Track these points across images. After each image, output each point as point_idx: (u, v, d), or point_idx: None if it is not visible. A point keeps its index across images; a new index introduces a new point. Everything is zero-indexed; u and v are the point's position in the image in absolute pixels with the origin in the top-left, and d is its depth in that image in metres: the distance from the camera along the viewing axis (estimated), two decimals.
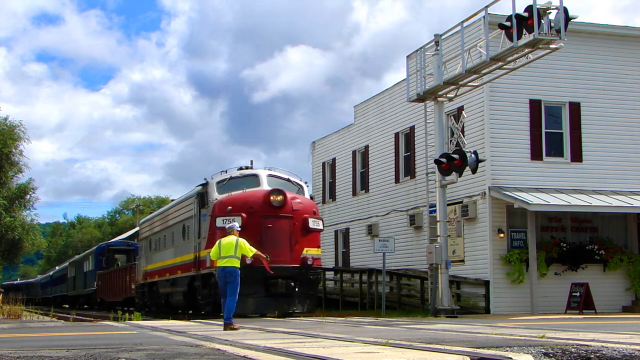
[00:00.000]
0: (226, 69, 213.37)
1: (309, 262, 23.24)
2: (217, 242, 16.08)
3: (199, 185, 25.57)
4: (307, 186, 26.16)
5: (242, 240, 16.17)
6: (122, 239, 66.43)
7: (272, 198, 23.10)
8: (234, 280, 15.74)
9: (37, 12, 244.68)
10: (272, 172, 25.51)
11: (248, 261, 18.14)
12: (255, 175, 24.73)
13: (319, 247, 24.37)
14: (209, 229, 23.59)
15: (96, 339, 12.23)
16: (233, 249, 15.76)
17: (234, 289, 15.74)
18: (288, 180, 25.36)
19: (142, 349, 9.71)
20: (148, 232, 34.53)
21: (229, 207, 22.99)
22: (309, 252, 23.51)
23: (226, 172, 25.44)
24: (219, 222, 22.57)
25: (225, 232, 17.24)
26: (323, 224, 24.99)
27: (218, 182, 24.61)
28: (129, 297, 37.95)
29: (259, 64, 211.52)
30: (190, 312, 28.48)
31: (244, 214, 22.64)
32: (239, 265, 15.93)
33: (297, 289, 22.80)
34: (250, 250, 16.24)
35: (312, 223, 23.75)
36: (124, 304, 40.19)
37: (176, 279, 27.89)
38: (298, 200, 23.87)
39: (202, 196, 24.83)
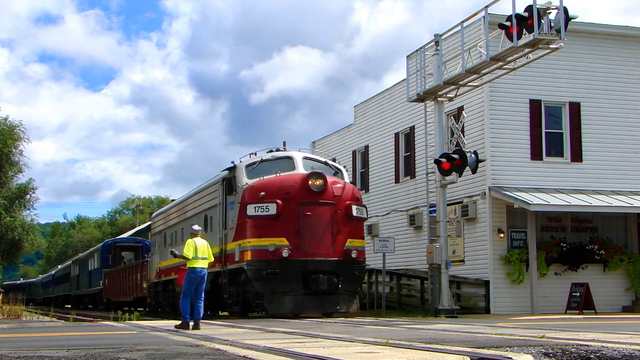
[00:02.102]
0: (227, 70, 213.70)
1: (353, 255, 20.86)
2: (192, 241, 15.83)
3: (224, 170, 23.13)
4: (347, 171, 23.86)
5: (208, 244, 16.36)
6: (131, 234, 63.68)
7: (310, 182, 20.65)
8: (205, 282, 15.98)
9: (39, 13, 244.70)
10: (308, 154, 23.27)
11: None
12: (290, 158, 22.24)
13: (363, 237, 22.09)
14: (238, 218, 21.31)
15: (96, 339, 12.23)
16: (206, 252, 15.89)
17: (203, 290, 15.96)
18: (325, 163, 22.93)
19: (142, 349, 9.70)
20: (162, 226, 32.20)
21: (262, 193, 20.67)
22: (353, 243, 21.11)
23: (255, 154, 22.90)
24: (251, 209, 20.58)
25: (257, 220, 17.32)
26: (367, 212, 22.62)
27: (247, 166, 22.16)
28: (140, 297, 35.46)
29: (260, 65, 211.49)
30: (211, 312, 26.56)
31: (278, 201, 20.42)
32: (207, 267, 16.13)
33: (340, 286, 20.45)
34: (212, 257, 16.36)
35: (356, 211, 21.39)
36: (134, 304, 38.05)
37: None
38: (339, 185, 21.45)
39: (229, 182, 22.34)
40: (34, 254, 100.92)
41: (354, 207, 21.21)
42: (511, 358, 7.91)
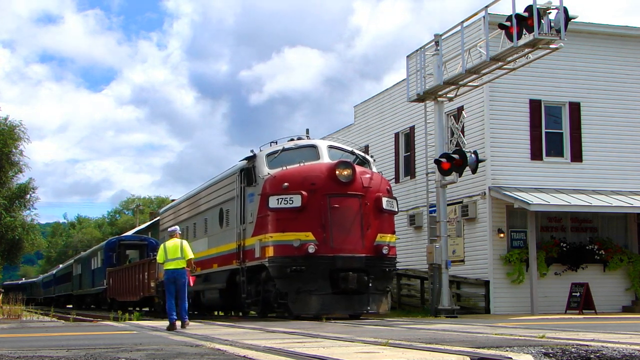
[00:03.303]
0: (228, 70, 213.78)
1: (384, 251, 19.29)
2: (162, 245, 16.40)
3: (242, 160, 21.63)
4: (374, 161, 22.51)
5: (185, 243, 16.50)
6: (141, 229, 62.31)
7: (338, 172, 19.07)
8: (185, 281, 16.16)
9: (40, 14, 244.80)
10: (333, 143, 21.75)
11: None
12: (314, 146, 20.74)
13: (394, 232, 20.47)
14: (259, 211, 19.82)
15: (96, 339, 12.23)
16: (179, 251, 16.10)
17: (185, 291, 16.18)
18: (352, 152, 21.46)
19: (142, 349, 9.70)
20: (172, 222, 30.31)
21: (285, 184, 19.16)
22: (384, 238, 19.51)
23: (276, 142, 21.43)
24: (273, 202, 19.08)
25: (280, 213, 17.01)
26: (398, 205, 21.11)
27: (268, 155, 20.64)
28: (148, 297, 34.00)
29: (260, 65, 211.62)
30: (226, 313, 26.17)
31: (303, 192, 18.89)
32: (185, 266, 16.19)
33: (370, 285, 18.93)
34: (189, 254, 16.33)
35: (387, 203, 19.81)
36: (140, 304, 36.67)
37: (210, 274, 24.22)
38: (368, 176, 19.88)
39: (248, 172, 20.81)
40: (34, 254, 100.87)
41: (384, 199, 19.68)
42: (511, 358, 7.91)
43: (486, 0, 20.91)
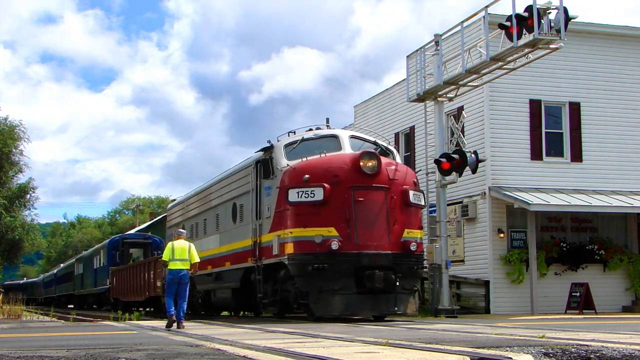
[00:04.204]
0: (228, 71, 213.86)
1: (412, 248, 18.14)
2: (170, 244, 16.41)
3: (258, 151, 20.43)
4: (398, 153, 21.49)
5: (193, 246, 16.62)
6: (141, 229, 60.08)
7: (362, 163, 17.90)
8: (188, 282, 16.36)
9: (41, 15, 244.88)
10: (355, 133, 20.58)
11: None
12: (335, 136, 19.57)
13: (421, 228, 19.34)
14: (277, 205, 18.64)
15: (96, 339, 12.23)
16: (186, 253, 16.20)
17: (186, 290, 16.32)
18: (375, 143, 20.18)
19: (142, 349, 9.70)
20: (180, 218, 29.26)
21: (306, 176, 18.02)
22: (411, 234, 18.36)
23: (294, 133, 20.25)
24: (293, 195, 17.97)
25: (301, 207, 16.41)
26: (424, 199, 20.04)
27: (287, 145, 19.42)
28: (154, 296, 32.61)
29: (260, 66, 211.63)
30: (236, 313, 25.34)
31: (326, 184, 17.73)
32: (189, 268, 16.32)
33: (397, 283, 17.78)
34: (196, 258, 16.46)
35: (413, 197, 18.64)
36: (145, 304, 35.63)
37: (222, 272, 23.09)
38: (394, 167, 18.74)
39: (264, 164, 19.51)
40: (34, 254, 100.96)
41: (411, 192, 18.49)
42: (511, 358, 7.91)
43: (486, 0, 20.91)
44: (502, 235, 24.92)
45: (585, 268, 25.61)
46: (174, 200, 35.04)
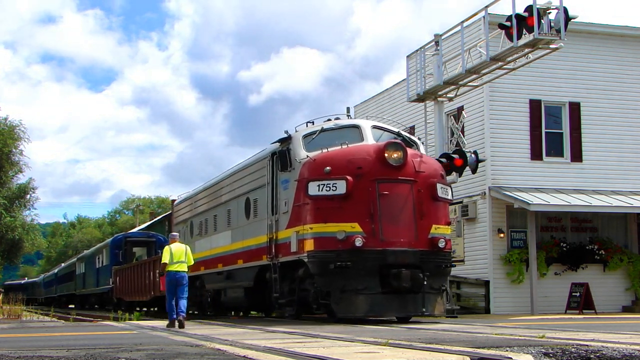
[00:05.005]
0: (229, 71, 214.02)
1: (441, 245, 17.04)
2: (168, 247, 17.22)
3: (274, 142, 19.37)
4: (423, 144, 20.46)
5: (189, 249, 17.54)
6: (142, 229, 59.29)
7: (387, 154, 16.80)
8: (186, 283, 17.02)
9: (41, 15, 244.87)
10: (377, 123, 19.50)
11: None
12: (356, 127, 18.46)
13: (449, 223, 18.26)
14: (295, 199, 17.55)
15: (96, 339, 12.23)
16: (184, 255, 17.08)
17: (185, 291, 16.96)
18: (398, 134, 19.02)
19: (142, 349, 9.70)
20: (188, 214, 27.94)
21: (327, 168, 16.92)
22: (439, 230, 17.31)
23: (312, 123, 19.21)
24: (313, 188, 16.90)
25: (321, 202, 16.06)
26: (452, 193, 18.79)
27: (305, 136, 18.33)
28: (159, 296, 31.55)
29: (261, 66, 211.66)
30: (246, 313, 24.93)
31: (348, 177, 16.66)
32: (187, 270, 17.17)
33: (425, 282, 16.70)
34: (192, 260, 17.49)
35: (441, 190, 17.60)
36: (150, 304, 35.14)
37: (234, 270, 22.03)
38: (420, 159, 17.68)
39: (282, 156, 18.31)
40: (34, 254, 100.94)
41: (439, 186, 17.47)
42: (511, 358, 7.90)
43: (486, 0, 20.92)
44: (502, 235, 24.92)
45: (585, 268, 25.61)
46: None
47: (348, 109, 20.51)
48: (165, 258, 16.94)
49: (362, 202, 16.58)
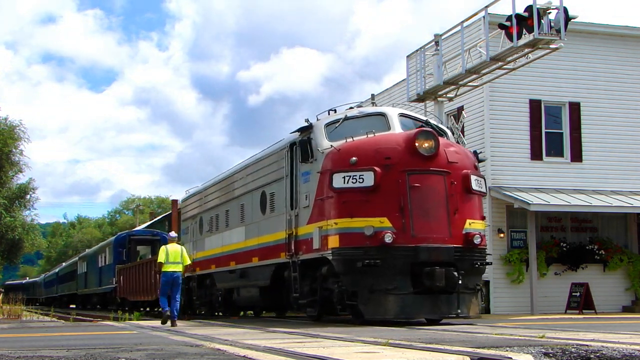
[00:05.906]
0: (229, 71, 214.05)
1: (476, 241, 15.80)
2: (164, 247, 17.84)
3: (294, 132, 18.10)
4: (453, 134, 19.30)
5: (184, 249, 18.23)
6: (146, 227, 57.77)
7: (418, 144, 15.59)
8: (180, 284, 17.76)
9: (42, 15, 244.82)
10: (404, 111, 18.23)
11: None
12: (382, 114, 17.16)
13: (483, 218, 16.80)
14: (318, 192, 16.25)
15: (96, 339, 12.23)
16: (179, 256, 17.67)
17: (179, 291, 17.75)
18: (427, 123, 17.65)
19: (142, 349, 9.70)
20: (197, 210, 26.59)
21: (354, 158, 15.69)
22: (474, 225, 16.10)
23: (335, 111, 17.96)
24: (338, 180, 15.66)
25: (347, 195, 15.07)
26: (486, 185, 17.53)
27: (328, 124, 17.05)
28: None
29: (261, 66, 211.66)
30: (257, 313, 24.55)
31: (376, 168, 15.43)
32: (182, 270, 17.89)
33: (460, 282, 15.45)
34: (188, 260, 18.09)
35: (475, 183, 16.37)
36: (155, 303, 32.81)
37: (249, 268, 20.73)
38: (453, 149, 16.50)
39: (302, 145, 17.02)
40: (34, 254, 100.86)
41: (473, 178, 16.24)
42: (511, 358, 7.90)
43: (486, 0, 20.92)
44: (502, 235, 24.91)
45: (585, 268, 25.61)
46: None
47: (373, 95, 19.48)
48: (161, 257, 17.54)
49: (391, 195, 15.40)
